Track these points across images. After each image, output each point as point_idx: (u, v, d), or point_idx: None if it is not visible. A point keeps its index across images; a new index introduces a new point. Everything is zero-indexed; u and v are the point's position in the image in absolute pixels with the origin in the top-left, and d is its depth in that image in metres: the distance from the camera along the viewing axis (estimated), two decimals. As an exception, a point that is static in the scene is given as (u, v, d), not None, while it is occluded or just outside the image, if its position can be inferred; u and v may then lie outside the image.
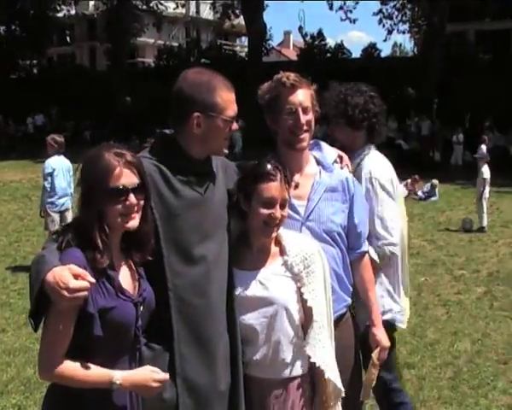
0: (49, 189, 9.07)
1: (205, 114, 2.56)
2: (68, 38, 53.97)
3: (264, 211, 2.69)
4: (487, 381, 5.44)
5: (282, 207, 2.72)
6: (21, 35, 39.53)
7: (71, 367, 2.19)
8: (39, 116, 34.16)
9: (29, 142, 28.26)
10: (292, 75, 2.99)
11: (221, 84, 2.61)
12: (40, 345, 2.24)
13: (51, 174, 9.04)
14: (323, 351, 2.73)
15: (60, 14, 41.65)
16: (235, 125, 2.66)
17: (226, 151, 2.77)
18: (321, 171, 3.10)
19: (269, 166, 2.72)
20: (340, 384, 2.80)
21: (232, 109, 2.63)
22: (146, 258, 2.42)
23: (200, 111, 2.56)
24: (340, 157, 3.21)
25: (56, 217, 9.06)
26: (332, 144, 3.34)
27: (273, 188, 2.69)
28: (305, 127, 2.97)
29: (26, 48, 39.52)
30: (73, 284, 2.09)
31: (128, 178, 2.27)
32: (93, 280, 2.14)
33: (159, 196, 2.51)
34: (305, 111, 2.97)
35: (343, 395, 2.83)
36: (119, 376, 2.23)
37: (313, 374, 2.78)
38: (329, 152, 3.19)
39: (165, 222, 2.53)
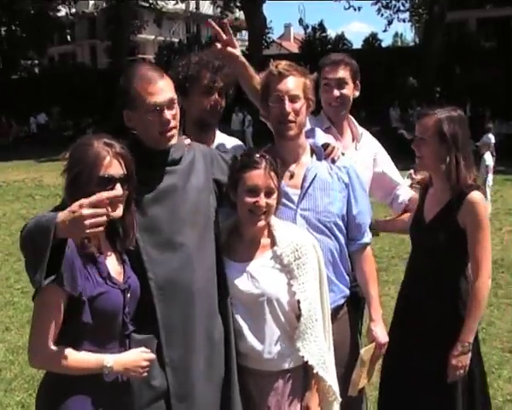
0: None
1: (128, 108, 2.59)
2: (69, 37, 53.95)
3: (249, 199, 2.67)
4: (492, 369, 5.36)
5: (268, 195, 2.68)
6: (22, 35, 39.48)
7: (61, 354, 2.21)
8: (41, 115, 34.09)
9: (33, 142, 28.17)
10: (282, 63, 2.94)
11: (138, 75, 2.57)
12: (30, 332, 2.25)
13: None
14: (314, 345, 2.68)
15: (60, 14, 41.64)
16: (165, 114, 2.55)
17: (187, 141, 2.75)
18: (313, 159, 3.05)
19: (254, 155, 2.70)
20: (333, 382, 2.76)
21: (151, 97, 2.52)
22: (127, 246, 2.45)
23: (125, 108, 2.60)
24: (327, 145, 3.10)
25: None
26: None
27: (256, 176, 2.67)
28: (290, 116, 2.90)
29: (26, 48, 39.49)
30: (91, 198, 2.05)
31: (116, 169, 2.32)
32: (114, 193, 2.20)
33: None
34: (292, 99, 2.90)
35: (338, 394, 2.78)
36: (111, 359, 2.27)
37: (304, 368, 2.72)
38: (322, 139, 3.12)
39: (139, 213, 2.53)
